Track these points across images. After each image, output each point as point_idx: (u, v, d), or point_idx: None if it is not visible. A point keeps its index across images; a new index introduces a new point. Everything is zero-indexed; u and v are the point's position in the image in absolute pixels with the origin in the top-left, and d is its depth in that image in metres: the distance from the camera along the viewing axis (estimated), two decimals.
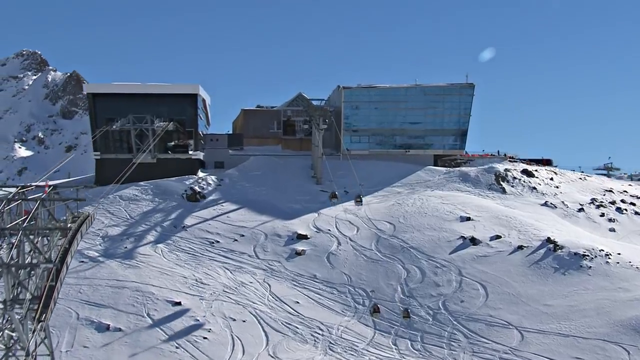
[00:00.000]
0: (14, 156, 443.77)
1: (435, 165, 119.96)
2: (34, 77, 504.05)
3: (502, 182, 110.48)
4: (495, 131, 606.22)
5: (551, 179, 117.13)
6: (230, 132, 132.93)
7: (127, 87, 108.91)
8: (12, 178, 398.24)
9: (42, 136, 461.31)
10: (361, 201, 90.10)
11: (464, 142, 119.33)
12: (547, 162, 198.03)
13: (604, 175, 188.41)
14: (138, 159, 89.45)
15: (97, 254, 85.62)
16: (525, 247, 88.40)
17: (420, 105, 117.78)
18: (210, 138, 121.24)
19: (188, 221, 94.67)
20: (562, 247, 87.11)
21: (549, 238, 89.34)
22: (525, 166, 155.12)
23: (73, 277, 77.76)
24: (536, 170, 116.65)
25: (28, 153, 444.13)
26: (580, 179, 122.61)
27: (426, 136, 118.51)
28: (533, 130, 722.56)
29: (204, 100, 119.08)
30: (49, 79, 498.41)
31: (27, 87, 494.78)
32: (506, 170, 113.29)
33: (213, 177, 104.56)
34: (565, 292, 79.89)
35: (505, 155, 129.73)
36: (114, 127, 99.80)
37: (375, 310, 76.09)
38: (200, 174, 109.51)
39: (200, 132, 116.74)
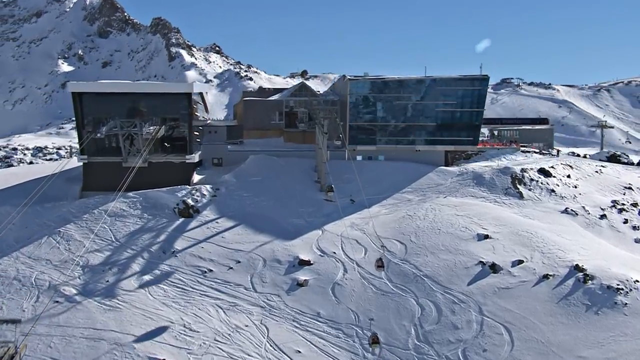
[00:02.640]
0: (57, 71, 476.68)
1: (445, 159, 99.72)
2: (74, 1, 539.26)
3: (519, 186, 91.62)
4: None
5: (568, 176, 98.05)
6: (232, 117, 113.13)
7: (116, 85, 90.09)
8: (57, 90, 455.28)
9: (81, 53, 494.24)
10: (382, 266, 70.92)
11: (477, 137, 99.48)
12: (543, 121, 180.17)
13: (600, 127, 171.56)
14: (137, 162, 79.60)
15: (74, 291, 67.70)
16: (551, 276, 71.21)
17: (431, 98, 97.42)
18: (208, 130, 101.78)
19: (179, 244, 76.55)
20: (592, 278, 70.18)
21: (577, 265, 72.10)
22: (526, 127, 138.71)
23: (45, 325, 62.45)
24: (552, 167, 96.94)
25: (70, 68, 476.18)
26: (597, 172, 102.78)
27: (437, 131, 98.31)
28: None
29: (201, 94, 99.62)
30: (87, 2, 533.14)
31: (68, 9, 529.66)
32: (522, 170, 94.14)
33: (208, 187, 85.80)
34: (600, 339, 63.43)
35: (514, 142, 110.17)
36: (99, 134, 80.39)
37: (374, 342, 61.11)
38: (196, 176, 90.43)
39: (198, 127, 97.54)
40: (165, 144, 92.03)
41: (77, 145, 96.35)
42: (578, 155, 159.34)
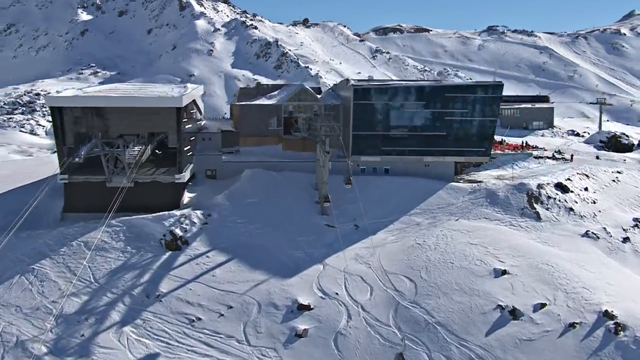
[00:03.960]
0: (77, 19, 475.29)
1: (455, 168, 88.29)
2: None
3: (535, 205, 79.55)
4: None
5: (585, 188, 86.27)
6: (228, 115, 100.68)
7: (99, 99, 76.41)
8: (77, 38, 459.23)
9: (99, 2, 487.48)
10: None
11: (489, 148, 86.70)
12: (543, 99, 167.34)
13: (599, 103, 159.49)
14: (123, 183, 70.17)
15: (44, 350, 56.55)
16: (577, 324, 60.56)
17: (440, 106, 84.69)
18: (202, 137, 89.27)
19: (164, 285, 65.13)
20: (624, 328, 59.72)
21: (606, 311, 61.32)
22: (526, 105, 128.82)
23: None
24: (569, 180, 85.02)
25: (88, 17, 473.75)
26: (614, 181, 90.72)
27: (446, 141, 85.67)
28: None
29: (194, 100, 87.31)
30: None
31: None
32: (539, 187, 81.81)
33: (199, 213, 73.66)
34: None
35: (526, 145, 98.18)
36: (77, 158, 68.18)
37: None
38: (187, 195, 78.45)
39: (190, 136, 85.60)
40: (156, 151, 79.50)
41: None
42: (577, 134, 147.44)
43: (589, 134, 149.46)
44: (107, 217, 66.69)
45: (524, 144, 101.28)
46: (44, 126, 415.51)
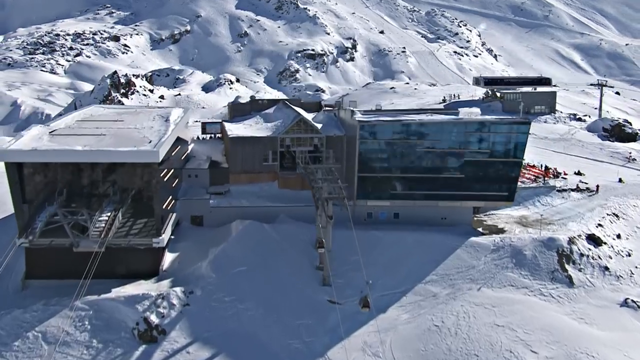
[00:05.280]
0: None
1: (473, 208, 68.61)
2: None
3: (567, 266, 60.93)
4: None
5: (618, 235, 66.96)
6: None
7: (60, 154, 56.26)
8: None
9: None
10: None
11: (512, 192, 66.86)
12: (545, 81, 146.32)
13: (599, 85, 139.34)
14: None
15: None
16: None
17: (459, 144, 64.75)
18: (187, 174, 69.22)
19: None
20: None
21: None
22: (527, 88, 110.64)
23: None
24: (600, 225, 67.05)
25: None
26: None
27: (465, 184, 66.02)
28: None
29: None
30: None
31: None
32: (570, 241, 62.48)
33: (179, 292, 55.50)
34: None
35: (546, 169, 78.35)
36: (30, 236, 48.98)
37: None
38: (168, 256, 59.38)
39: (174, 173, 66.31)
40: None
41: None
42: (579, 119, 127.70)
43: (589, 116, 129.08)
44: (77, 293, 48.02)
45: (544, 168, 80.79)
46: (63, 65, 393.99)
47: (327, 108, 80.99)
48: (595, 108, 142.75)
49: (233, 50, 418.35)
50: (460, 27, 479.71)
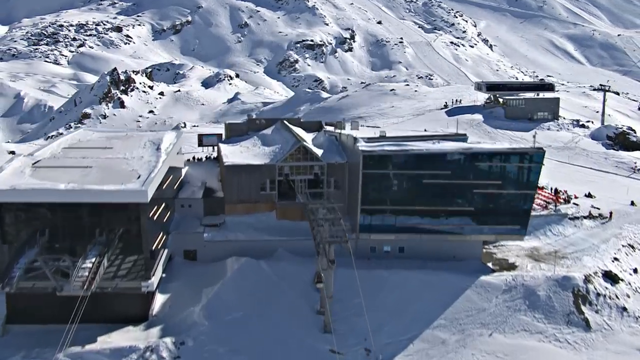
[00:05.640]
0: None
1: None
2: None
3: (583, 307, 54.97)
4: None
5: (635, 270, 61.10)
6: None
7: (40, 193, 50.45)
8: None
9: None
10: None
11: (525, 226, 60.80)
12: (548, 87, 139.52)
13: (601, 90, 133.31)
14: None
15: None
16: None
17: (468, 175, 58.74)
18: (180, 204, 63.11)
19: None
20: None
21: None
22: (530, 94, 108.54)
23: None
24: (616, 259, 61.43)
25: None
26: None
27: (474, 217, 59.93)
28: None
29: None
30: None
31: None
32: (586, 280, 56.58)
33: (169, 344, 49.95)
34: None
35: (556, 193, 72.37)
36: (7, 287, 43.38)
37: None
38: (159, 298, 53.87)
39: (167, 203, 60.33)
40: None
41: None
42: (582, 126, 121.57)
43: (592, 122, 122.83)
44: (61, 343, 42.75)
45: (554, 192, 74.55)
46: (66, 56, 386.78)
47: (327, 128, 74.63)
48: (597, 112, 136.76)
49: (233, 40, 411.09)
50: (457, 17, 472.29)
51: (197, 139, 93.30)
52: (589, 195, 77.25)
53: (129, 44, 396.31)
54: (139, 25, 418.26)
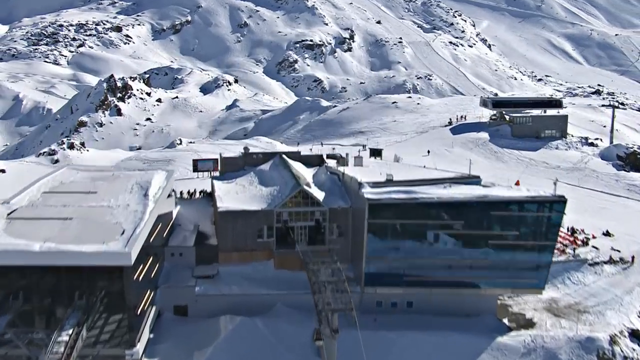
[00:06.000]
0: None
1: None
2: None
3: None
4: None
5: None
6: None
7: (18, 255, 44.45)
8: None
9: None
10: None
11: (543, 281, 54.99)
12: (556, 103, 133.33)
13: (610, 106, 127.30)
14: None
15: None
16: None
17: (482, 226, 53.00)
18: (170, 252, 57.26)
19: None
20: None
21: None
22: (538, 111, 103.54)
23: None
24: None
25: None
26: None
27: (489, 270, 54.14)
28: None
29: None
30: None
31: None
32: (612, 341, 50.88)
33: None
34: None
35: (572, 233, 66.62)
36: None
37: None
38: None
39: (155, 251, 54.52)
40: None
41: None
42: (591, 144, 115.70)
43: (601, 140, 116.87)
44: None
45: (571, 231, 68.71)
46: (66, 56, 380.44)
47: (329, 162, 68.57)
48: (605, 126, 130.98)
49: (233, 40, 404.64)
50: (456, 17, 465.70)
51: (192, 164, 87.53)
52: (607, 234, 71.56)
53: (128, 43, 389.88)
54: (139, 25, 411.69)
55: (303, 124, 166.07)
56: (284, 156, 68.09)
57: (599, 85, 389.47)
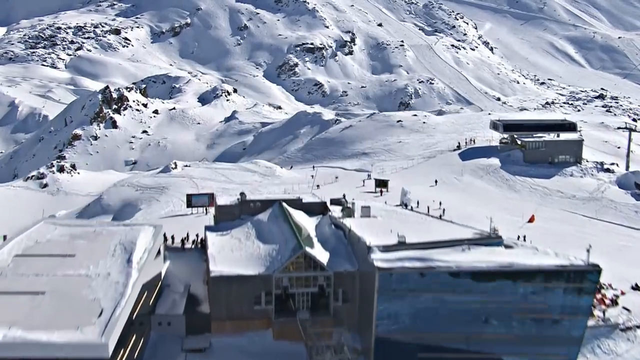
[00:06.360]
0: None
1: None
2: None
3: None
4: None
5: None
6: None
7: None
8: None
9: None
10: None
11: (574, 356, 48.67)
12: (570, 127, 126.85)
13: (627, 129, 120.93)
14: None
15: None
16: None
17: (507, 298, 46.64)
18: (157, 321, 51.18)
19: None
20: None
21: None
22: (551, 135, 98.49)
23: None
24: None
25: None
26: None
27: (515, 345, 48.01)
28: None
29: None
30: None
31: None
32: None
33: None
34: None
35: (599, 289, 60.60)
36: None
37: None
38: None
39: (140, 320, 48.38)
40: None
41: None
42: (607, 170, 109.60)
43: (617, 165, 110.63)
44: None
45: (599, 287, 62.62)
46: (63, 59, 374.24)
47: (333, 211, 62.27)
48: (619, 147, 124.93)
49: (233, 43, 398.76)
50: (457, 20, 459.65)
51: (186, 199, 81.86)
52: (637, 287, 65.50)
53: (127, 46, 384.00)
54: (138, 27, 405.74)
55: (304, 139, 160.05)
56: (284, 205, 61.84)
57: (602, 89, 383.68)
